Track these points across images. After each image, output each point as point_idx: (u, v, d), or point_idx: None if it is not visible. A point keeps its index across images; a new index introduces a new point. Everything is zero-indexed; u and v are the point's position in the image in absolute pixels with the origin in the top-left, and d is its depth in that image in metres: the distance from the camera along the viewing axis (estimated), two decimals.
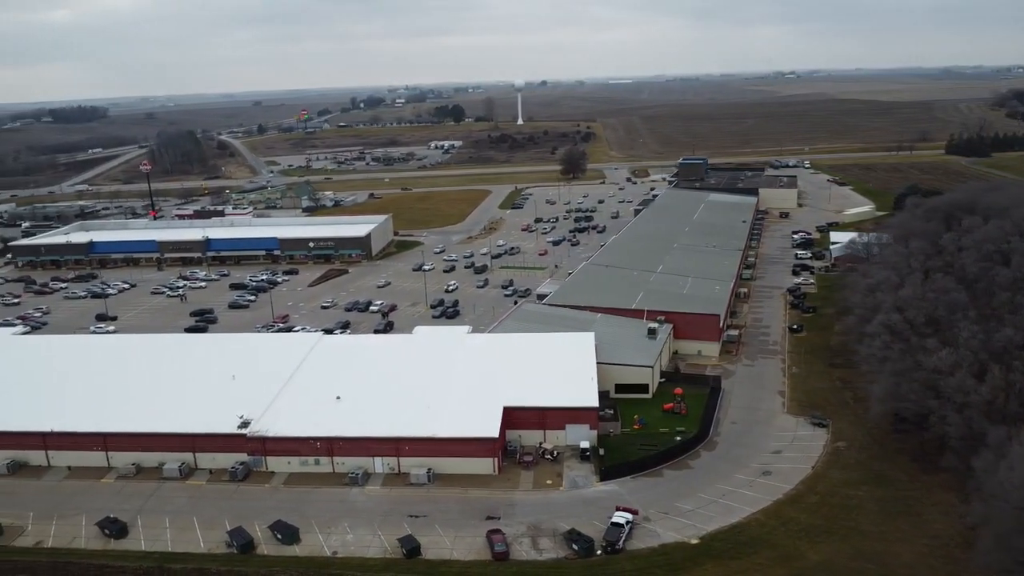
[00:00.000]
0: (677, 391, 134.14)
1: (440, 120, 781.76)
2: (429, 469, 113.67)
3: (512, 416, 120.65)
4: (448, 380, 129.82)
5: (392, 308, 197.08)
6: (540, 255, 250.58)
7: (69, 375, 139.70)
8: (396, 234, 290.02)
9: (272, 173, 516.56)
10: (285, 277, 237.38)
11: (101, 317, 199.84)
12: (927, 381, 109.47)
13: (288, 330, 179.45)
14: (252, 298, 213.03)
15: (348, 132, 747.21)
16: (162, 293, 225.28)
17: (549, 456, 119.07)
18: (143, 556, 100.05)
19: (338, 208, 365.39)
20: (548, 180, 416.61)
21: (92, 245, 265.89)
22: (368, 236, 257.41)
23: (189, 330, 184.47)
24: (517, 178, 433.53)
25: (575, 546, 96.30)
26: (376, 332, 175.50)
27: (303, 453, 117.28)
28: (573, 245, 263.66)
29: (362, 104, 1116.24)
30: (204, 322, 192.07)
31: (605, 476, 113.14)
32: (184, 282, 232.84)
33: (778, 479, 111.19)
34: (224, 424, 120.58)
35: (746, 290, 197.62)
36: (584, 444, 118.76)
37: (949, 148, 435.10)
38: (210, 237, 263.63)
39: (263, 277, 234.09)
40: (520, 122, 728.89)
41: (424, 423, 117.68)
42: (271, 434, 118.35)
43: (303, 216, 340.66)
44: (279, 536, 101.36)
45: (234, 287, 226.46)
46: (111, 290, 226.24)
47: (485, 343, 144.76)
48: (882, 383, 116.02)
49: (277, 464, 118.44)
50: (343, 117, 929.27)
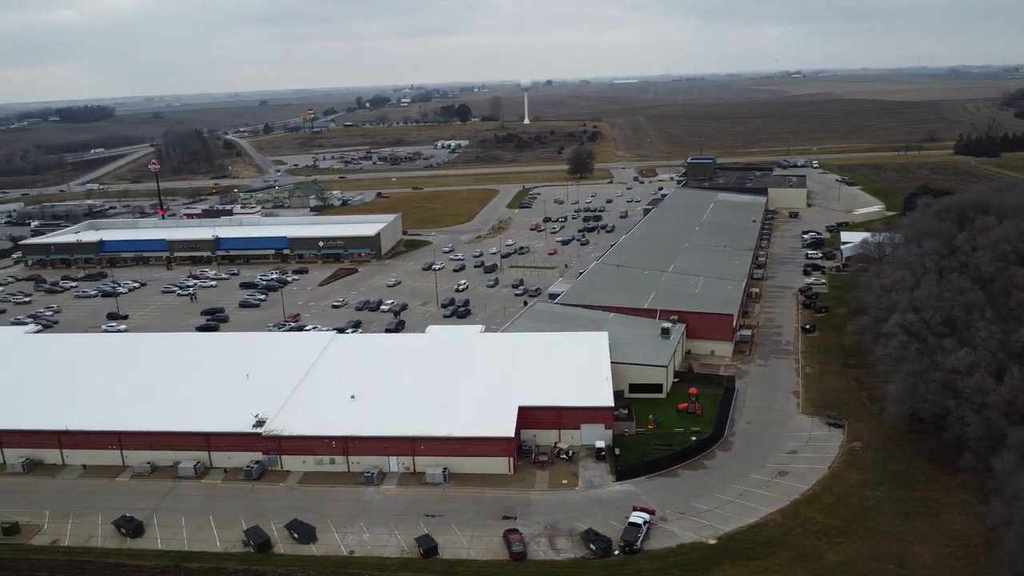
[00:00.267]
0: (692, 391, 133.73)
1: (446, 120, 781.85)
2: (445, 468, 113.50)
3: (527, 415, 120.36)
4: (462, 379, 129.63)
5: (403, 307, 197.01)
6: (550, 254, 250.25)
7: (83, 374, 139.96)
8: (405, 233, 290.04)
9: (279, 172, 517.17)
10: (295, 276, 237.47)
11: (112, 316, 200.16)
12: (945, 381, 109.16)
13: (299, 329, 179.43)
14: (263, 297, 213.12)
15: (354, 132, 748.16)
16: (172, 292, 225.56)
17: (564, 456, 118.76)
18: (160, 555, 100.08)
19: (346, 207, 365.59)
20: (555, 180, 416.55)
21: (102, 244, 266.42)
22: (378, 235, 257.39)
23: (200, 329, 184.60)
24: (524, 178, 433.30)
25: (593, 546, 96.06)
26: (388, 331, 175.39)
27: (318, 452, 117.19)
28: (582, 245, 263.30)
29: (368, 104, 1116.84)
30: (215, 321, 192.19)
31: (621, 476, 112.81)
32: (194, 281, 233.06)
33: (795, 479, 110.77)
34: (239, 423, 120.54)
35: (757, 290, 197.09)
36: (600, 444, 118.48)
37: (958, 148, 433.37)
38: (220, 236, 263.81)
39: (273, 276, 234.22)
40: (526, 121, 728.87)
41: (439, 422, 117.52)
42: (286, 433, 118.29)
43: (311, 215, 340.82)
44: (296, 535, 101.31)
45: (244, 286, 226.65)
46: (122, 289, 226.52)
47: (499, 342, 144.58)
48: (899, 383, 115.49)
49: (292, 463, 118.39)
50: (349, 117, 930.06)
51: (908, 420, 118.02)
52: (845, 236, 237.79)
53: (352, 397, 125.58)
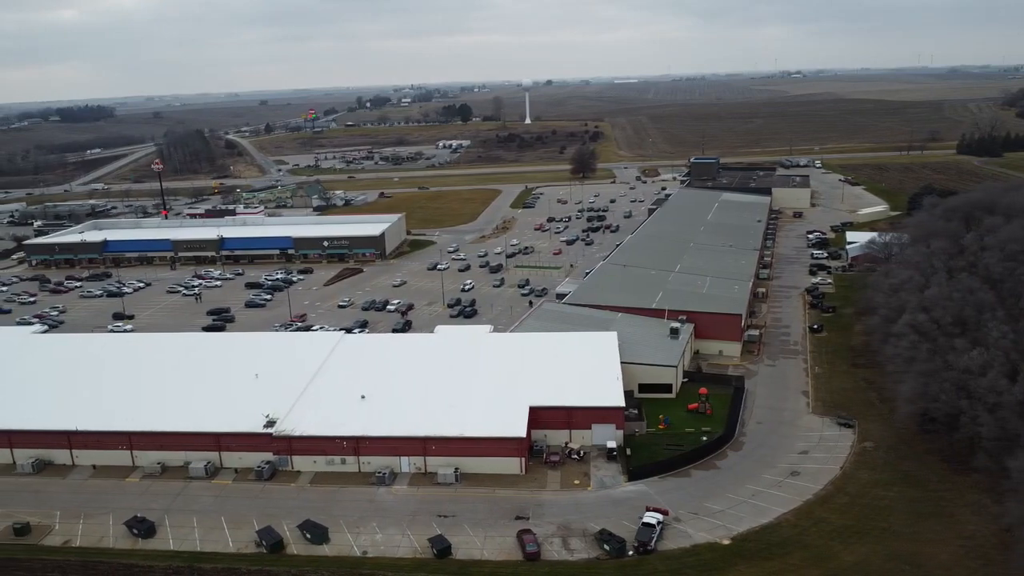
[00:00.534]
0: (702, 391, 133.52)
1: (448, 119, 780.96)
2: (456, 468, 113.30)
3: (538, 415, 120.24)
4: (472, 379, 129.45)
5: (409, 307, 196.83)
6: (555, 254, 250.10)
7: (91, 374, 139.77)
8: (409, 233, 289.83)
9: (281, 172, 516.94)
10: (300, 276, 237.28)
11: (118, 316, 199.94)
12: (958, 381, 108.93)
13: (306, 329, 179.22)
14: (268, 297, 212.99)
15: (356, 131, 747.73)
16: (178, 292, 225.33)
17: (575, 456, 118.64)
18: (172, 556, 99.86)
19: (349, 207, 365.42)
20: (558, 180, 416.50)
21: (106, 244, 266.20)
22: (382, 235, 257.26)
23: (207, 329, 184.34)
24: (526, 177, 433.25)
25: (607, 546, 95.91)
26: (395, 331, 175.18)
27: (329, 452, 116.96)
28: (587, 244, 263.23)
29: (368, 104, 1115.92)
30: (222, 321, 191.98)
31: (633, 476, 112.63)
32: (199, 281, 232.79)
33: (807, 479, 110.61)
34: (249, 423, 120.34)
35: (764, 290, 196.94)
36: (611, 444, 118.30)
37: (960, 148, 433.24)
38: (225, 236, 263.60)
39: (278, 276, 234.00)
40: (528, 121, 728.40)
41: (450, 422, 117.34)
42: (297, 433, 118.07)
43: (314, 215, 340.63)
44: (308, 536, 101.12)
45: (250, 286, 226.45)
46: (127, 289, 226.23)
47: (508, 342, 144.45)
48: (910, 383, 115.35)
49: (303, 463, 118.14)
50: (350, 116, 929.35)
51: (919, 420, 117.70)
52: (850, 236, 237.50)
53: (362, 397, 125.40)
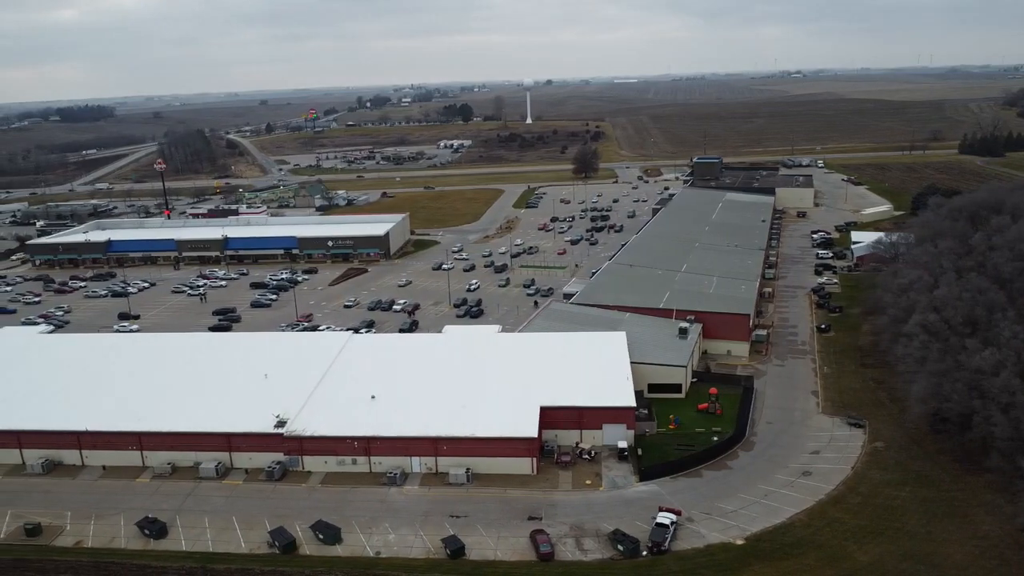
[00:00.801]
0: (712, 391, 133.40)
1: (448, 119, 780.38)
2: (468, 469, 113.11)
3: (549, 416, 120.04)
4: (482, 379, 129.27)
5: (416, 307, 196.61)
6: (559, 254, 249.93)
7: (99, 374, 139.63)
8: (412, 233, 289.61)
9: (282, 172, 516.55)
10: (305, 276, 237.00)
11: (124, 316, 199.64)
12: (970, 381, 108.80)
13: (313, 329, 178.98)
14: (274, 297, 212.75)
15: (357, 131, 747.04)
16: (182, 292, 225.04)
17: (586, 456, 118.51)
18: (185, 556, 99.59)
19: (352, 207, 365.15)
20: (560, 179, 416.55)
21: (110, 244, 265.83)
22: (387, 235, 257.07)
23: (213, 329, 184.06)
24: (528, 177, 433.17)
25: (620, 547, 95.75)
26: (402, 331, 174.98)
27: (340, 452, 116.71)
28: (591, 244, 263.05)
29: (368, 104, 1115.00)
30: (228, 321, 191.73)
31: (644, 476, 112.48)
32: (204, 281, 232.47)
33: (819, 479, 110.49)
34: (260, 423, 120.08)
35: (770, 290, 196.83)
36: (622, 444, 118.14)
37: (962, 147, 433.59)
38: (229, 236, 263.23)
39: (283, 276, 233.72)
40: (529, 121, 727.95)
41: (461, 423, 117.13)
42: (308, 433, 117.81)
43: (317, 215, 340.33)
44: (321, 536, 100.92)
45: (255, 286, 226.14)
46: (132, 289, 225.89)
47: (517, 342, 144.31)
48: (922, 383, 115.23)
49: (314, 463, 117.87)
50: (351, 116, 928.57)
51: (930, 420, 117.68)
52: (855, 236, 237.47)
53: (372, 397, 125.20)
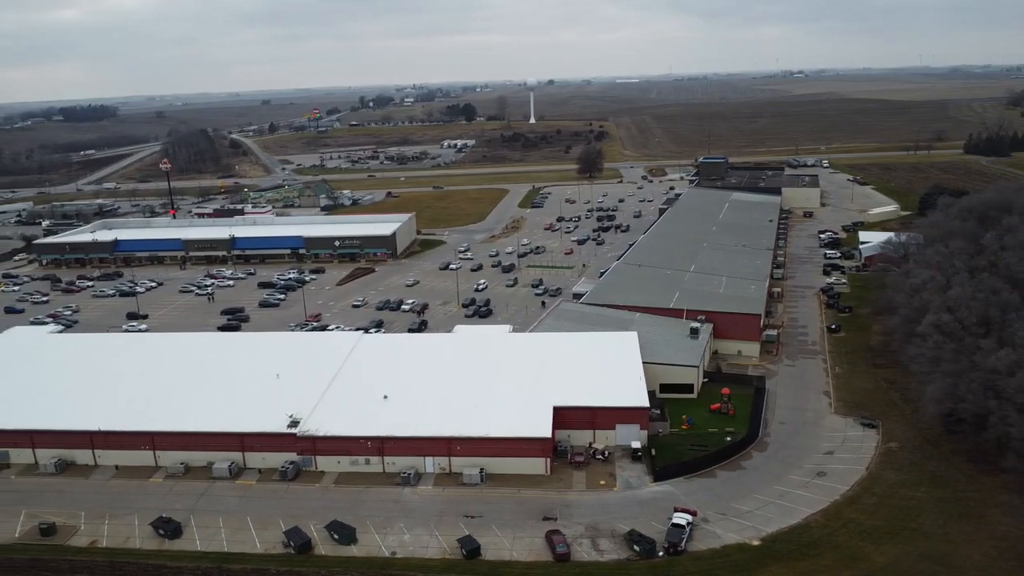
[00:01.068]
0: (724, 391, 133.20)
1: (451, 119, 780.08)
2: (481, 469, 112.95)
3: (562, 416, 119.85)
4: (495, 379, 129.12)
5: (424, 307, 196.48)
6: (566, 254, 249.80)
7: (111, 373, 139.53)
8: (419, 233, 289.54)
9: (286, 171, 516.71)
10: (312, 276, 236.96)
11: (132, 315, 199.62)
12: (985, 381, 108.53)
13: (322, 329, 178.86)
14: (282, 296, 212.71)
15: (360, 131, 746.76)
16: (190, 292, 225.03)
17: (600, 456, 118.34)
18: (200, 556, 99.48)
19: (357, 207, 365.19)
20: (564, 179, 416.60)
21: (117, 243, 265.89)
22: (393, 235, 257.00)
23: (222, 329, 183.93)
24: (532, 177, 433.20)
25: (637, 547, 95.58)
26: (411, 331, 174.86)
27: (354, 452, 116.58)
28: (598, 244, 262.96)
29: (371, 103, 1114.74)
30: (236, 320, 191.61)
31: (658, 477, 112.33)
32: (212, 281, 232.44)
33: (833, 480, 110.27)
34: (273, 423, 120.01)
35: (779, 290, 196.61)
36: (635, 444, 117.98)
37: (968, 147, 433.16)
38: (236, 236, 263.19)
39: (291, 276, 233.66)
40: (532, 121, 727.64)
41: (475, 423, 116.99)
42: (321, 433, 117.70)
43: (322, 215, 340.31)
44: (336, 536, 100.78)
45: (263, 285, 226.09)
46: (140, 289, 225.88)
47: (529, 342, 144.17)
48: (937, 384, 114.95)
49: (327, 463, 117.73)
50: (354, 116, 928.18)
51: (945, 421, 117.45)
52: (863, 236, 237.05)
53: (385, 397, 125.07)
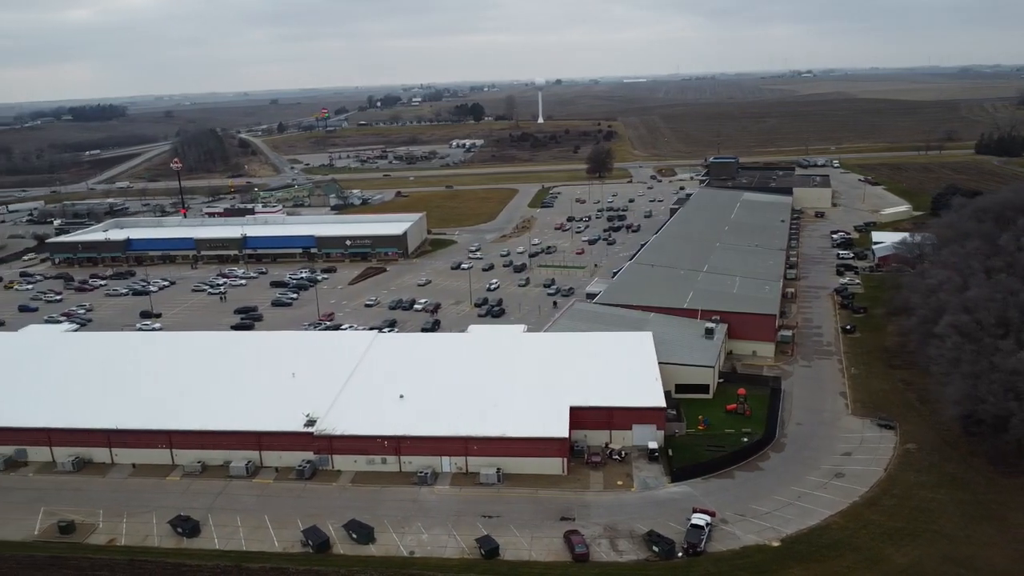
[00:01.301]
0: (740, 392, 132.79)
1: (460, 119, 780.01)
2: (499, 469, 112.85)
3: (578, 416, 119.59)
4: (510, 379, 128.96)
5: (437, 307, 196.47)
6: (577, 254, 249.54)
7: (127, 372, 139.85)
8: (429, 232, 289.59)
9: (295, 171, 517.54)
10: (324, 275, 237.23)
11: (146, 314, 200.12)
12: (1006, 383, 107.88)
13: (335, 328, 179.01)
14: (295, 296, 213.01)
15: (368, 131, 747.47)
16: (203, 291, 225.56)
17: (617, 456, 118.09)
18: (219, 555, 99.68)
19: (366, 206, 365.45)
20: (574, 179, 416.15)
21: (129, 243, 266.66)
22: (404, 234, 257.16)
23: (235, 328, 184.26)
24: (542, 177, 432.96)
25: (656, 548, 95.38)
26: (424, 331, 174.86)
27: (371, 452, 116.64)
28: (609, 244, 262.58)
29: (379, 103, 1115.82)
30: (250, 319, 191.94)
31: (676, 477, 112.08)
32: (224, 280, 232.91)
33: (852, 481, 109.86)
34: (289, 422, 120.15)
35: (793, 290, 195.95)
36: (652, 444, 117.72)
37: (979, 147, 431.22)
38: (248, 235, 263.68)
39: (303, 275, 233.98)
40: (541, 121, 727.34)
41: (492, 422, 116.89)
42: (338, 432, 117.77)
43: (333, 214, 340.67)
44: (354, 535, 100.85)
45: (275, 285, 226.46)
46: (152, 287, 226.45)
47: (544, 342, 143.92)
48: (957, 385, 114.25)
49: (344, 463, 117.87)
50: (362, 116, 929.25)
51: (963, 422, 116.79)
52: (876, 236, 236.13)
53: (401, 396, 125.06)
